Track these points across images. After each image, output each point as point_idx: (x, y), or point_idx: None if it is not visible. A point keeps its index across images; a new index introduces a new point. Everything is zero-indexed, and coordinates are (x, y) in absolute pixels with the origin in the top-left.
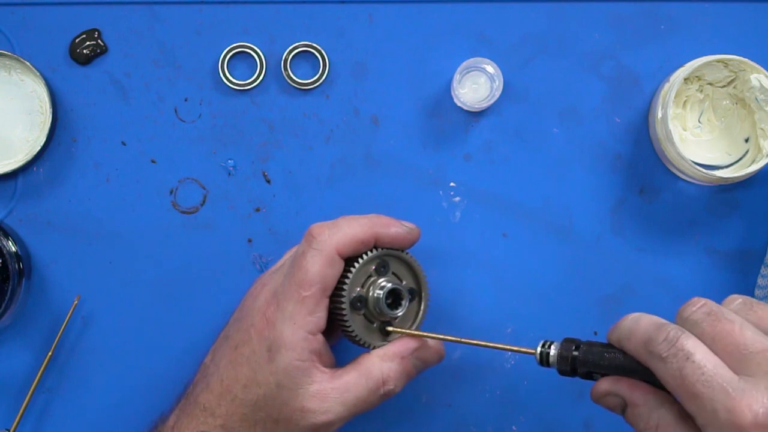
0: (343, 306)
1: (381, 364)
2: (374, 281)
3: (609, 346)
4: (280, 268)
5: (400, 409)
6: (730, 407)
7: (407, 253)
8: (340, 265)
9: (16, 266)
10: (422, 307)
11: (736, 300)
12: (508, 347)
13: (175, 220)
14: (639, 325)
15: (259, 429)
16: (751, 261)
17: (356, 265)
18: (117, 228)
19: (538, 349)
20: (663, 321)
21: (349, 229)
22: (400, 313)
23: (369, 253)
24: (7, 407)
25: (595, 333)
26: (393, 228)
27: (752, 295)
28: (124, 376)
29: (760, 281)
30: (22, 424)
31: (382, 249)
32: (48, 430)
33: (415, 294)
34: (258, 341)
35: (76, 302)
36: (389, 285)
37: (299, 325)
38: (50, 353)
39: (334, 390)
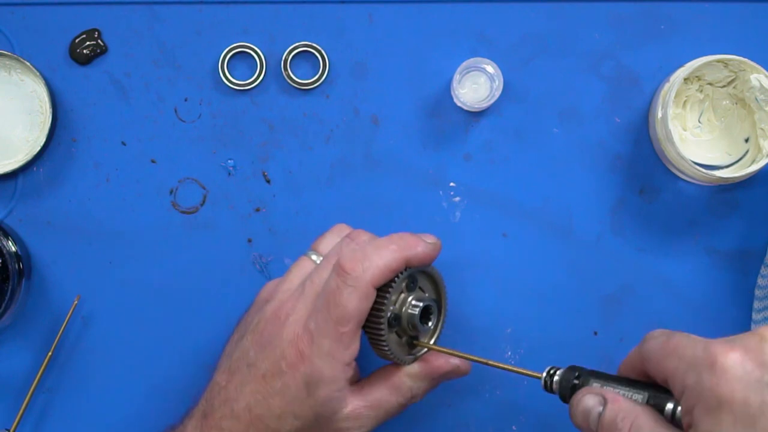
0: (382, 329)
1: (411, 383)
2: (404, 298)
3: (612, 377)
4: (301, 294)
5: None
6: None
7: (433, 267)
8: (374, 296)
9: (16, 266)
10: (441, 318)
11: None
12: (518, 370)
13: (175, 220)
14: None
15: None
16: (751, 261)
17: (391, 290)
18: (117, 228)
19: (543, 375)
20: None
21: (380, 261)
22: (431, 326)
23: (400, 276)
24: (7, 407)
25: (596, 333)
26: (420, 248)
27: (752, 295)
28: (123, 376)
29: (760, 281)
30: (22, 424)
31: (410, 268)
32: (48, 430)
33: (437, 304)
34: (292, 375)
35: (76, 302)
36: (422, 303)
37: (337, 359)
38: (50, 353)
39: (367, 408)
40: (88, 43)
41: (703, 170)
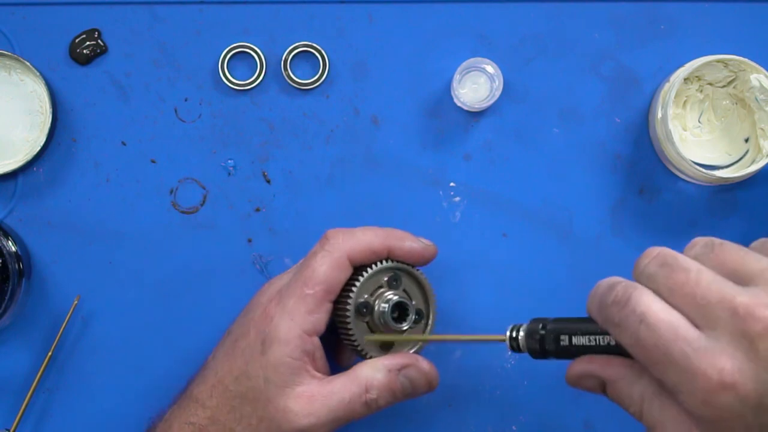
0: (348, 309)
1: (368, 372)
2: (383, 293)
3: (580, 320)
4: (291, 271)
5: (401, 409)
6: (693, 371)
7: (420, 271)
8: (348, 271)
9: (16, 266)
10: (428, 330)
11: (698, 244)
12: (479, 337)
13: (175, 220)
14: (597, 289)
15: (244, 424)
16: None
17: (367, 271)
18: (117, 228)
19: (507, 335)
20: (618, 280)
21: (363, 237)
22: (404, 327)
23: (382, 263)
24: (7, 407)
25: None
26: (408, 242)
27: None
28: (124, 376)
29: None
30: (22, 424)
31: (396, 262)
32: (48, 430)
33: (423, 316)
34: (255, 334)
35: (76, 302)
36: (396, 297)
37: (296, 321)
38: (50, 353)
39: (321, 392)
40: (88, 43)
41: (703, 170)
